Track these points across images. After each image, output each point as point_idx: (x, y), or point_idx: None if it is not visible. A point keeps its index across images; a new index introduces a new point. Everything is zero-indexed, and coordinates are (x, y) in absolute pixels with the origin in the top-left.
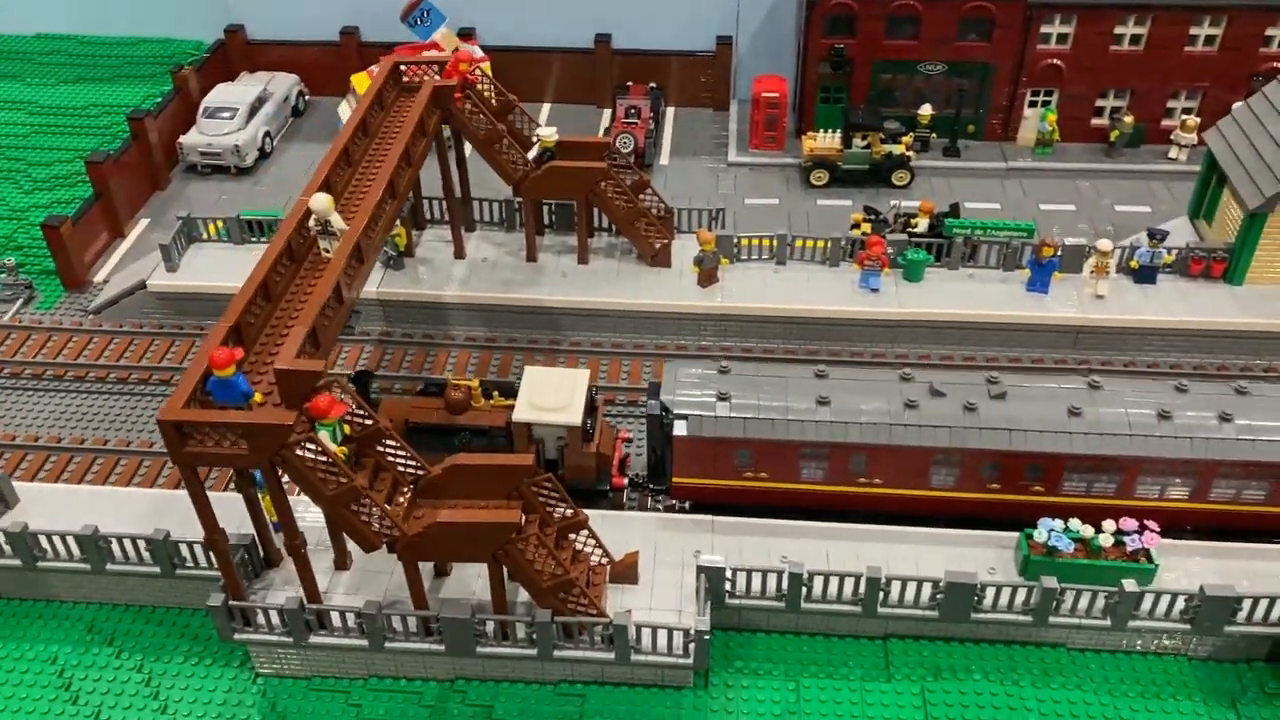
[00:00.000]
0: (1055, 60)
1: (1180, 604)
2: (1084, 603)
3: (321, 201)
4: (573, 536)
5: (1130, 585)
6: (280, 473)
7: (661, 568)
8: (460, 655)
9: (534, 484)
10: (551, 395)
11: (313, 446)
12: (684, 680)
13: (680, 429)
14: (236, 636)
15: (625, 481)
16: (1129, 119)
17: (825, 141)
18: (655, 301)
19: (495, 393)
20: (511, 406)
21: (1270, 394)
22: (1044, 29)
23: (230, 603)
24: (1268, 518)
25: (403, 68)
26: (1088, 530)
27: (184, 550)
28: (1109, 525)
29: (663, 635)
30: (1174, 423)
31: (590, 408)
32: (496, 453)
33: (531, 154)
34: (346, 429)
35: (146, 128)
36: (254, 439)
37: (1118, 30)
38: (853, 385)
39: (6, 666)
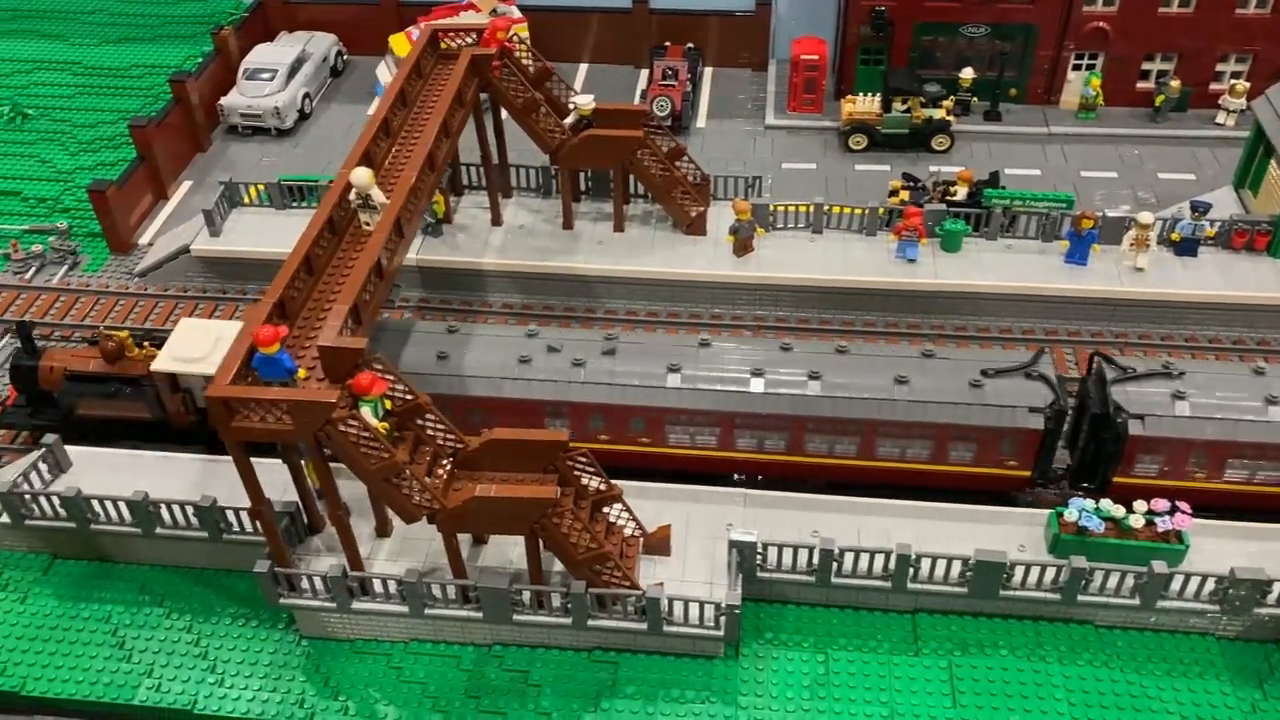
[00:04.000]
0: (1101, 22)
1: (1210, 585)
2: (1113, 582)
3: (362, 176)
4: (606, 509)
5: (1160, 566)
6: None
7: (694, 540)
8: (497, 622)
9: (570, 458)
10: (194, 345)
11: (355, 422)
12: (715, 650)
13: None
14: (282, 601)
15: None
16: (1175, 83)
17: (864, 105)
18: (690, 271)
19: (146, 343)
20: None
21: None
22: None
23: (275, 569)
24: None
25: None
26: (1118, 510)
27: (230, 516)
28: (1140, 505)
29: (694, 608)
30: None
31: None
32: (145, 401)
33: (568, 121)
34: (388, 404)
35: (188, 90)
36: (299, 415)
37: None
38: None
39: (64, 625)
